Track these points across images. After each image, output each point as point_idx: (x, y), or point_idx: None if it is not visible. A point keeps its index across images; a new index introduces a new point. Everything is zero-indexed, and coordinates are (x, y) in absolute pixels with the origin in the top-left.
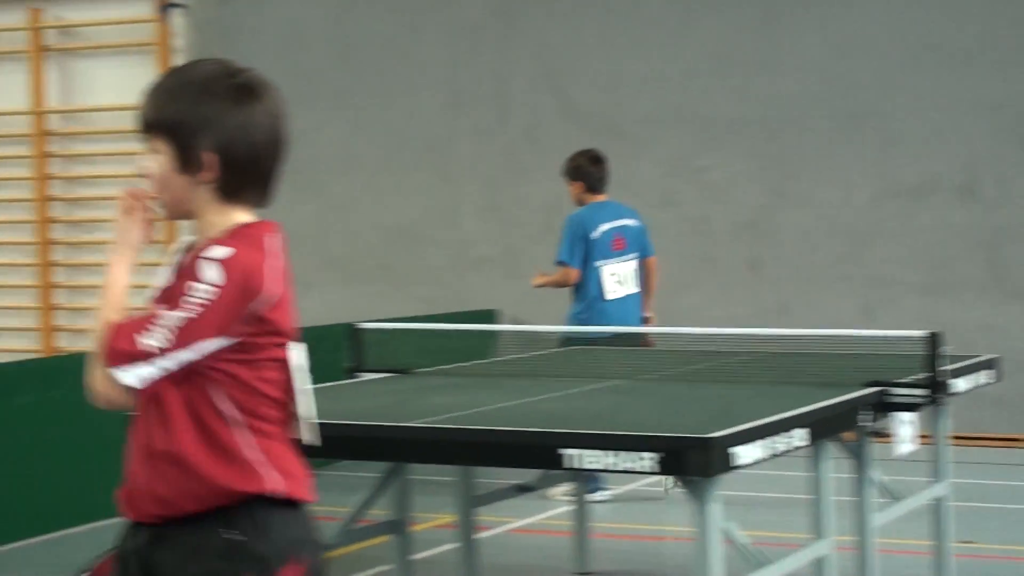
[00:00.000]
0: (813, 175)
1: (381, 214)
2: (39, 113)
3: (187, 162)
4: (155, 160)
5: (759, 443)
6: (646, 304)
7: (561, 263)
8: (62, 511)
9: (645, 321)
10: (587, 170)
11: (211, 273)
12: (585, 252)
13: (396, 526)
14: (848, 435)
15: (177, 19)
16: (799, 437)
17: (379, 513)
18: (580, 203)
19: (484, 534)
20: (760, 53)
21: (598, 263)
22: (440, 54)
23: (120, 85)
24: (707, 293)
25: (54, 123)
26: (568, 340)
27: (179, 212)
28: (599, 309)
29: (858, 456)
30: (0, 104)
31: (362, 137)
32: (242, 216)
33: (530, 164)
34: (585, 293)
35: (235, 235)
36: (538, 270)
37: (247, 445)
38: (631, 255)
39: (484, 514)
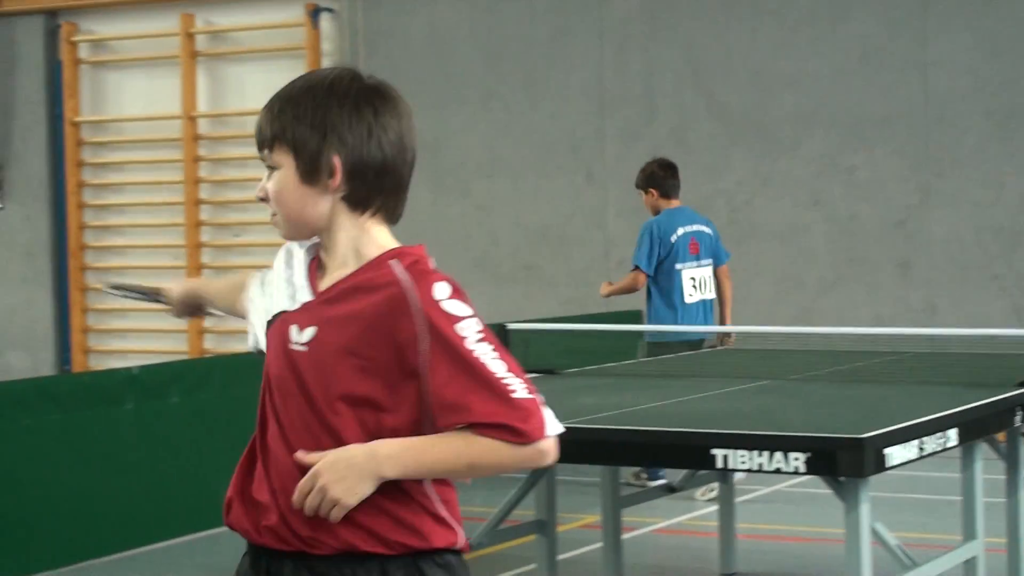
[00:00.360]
0: (963, 174)
1: (526, 215)
2: (190, 117)
3: (312, 172)
4: (276, 176)
5: (911, 444)
6: (724, 313)
7: (637, 268)
8: (210, 512)
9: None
10: (659, 177)
11: (462, 307)
12: (661, 257)
13: (542, 526)
14: (999, 435)
15: (326, 23)
16: (951, 437)
17: (525, 513)
18: (655, 211)
19: (629, 535)
20: (911, 50)
21: (678, 266)
22: (587, 55)
23: (269, 90)
24: (854, 293)
25: (204, 127)
26: (655, 345)
27: (303, 228)
28: (678, 312)
29: (1009, 457)
30: (152, 108)
31: (508, 139)
32: (383, 234)
33: (677, 164)
34: (664, 297)
35: (411, 264)
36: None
37: (430, 490)
38: (706, 261)
39: (629, 515)
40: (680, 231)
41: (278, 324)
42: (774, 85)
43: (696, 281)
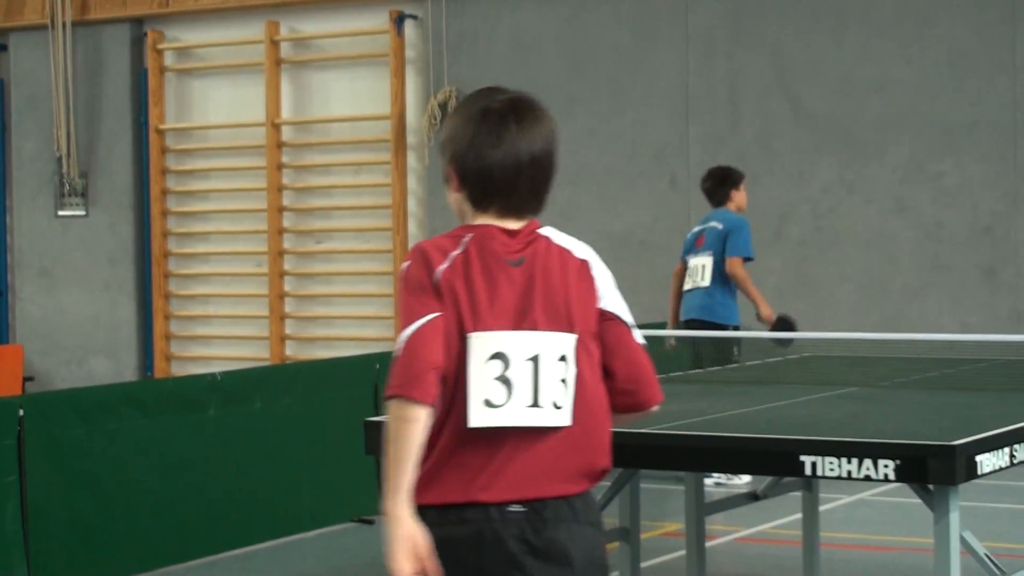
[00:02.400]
0: None
1: (609, 222)
2: (273, 124)
3: (445, 176)
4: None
5: (1002, 451)
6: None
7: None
8: (293, 517)
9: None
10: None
11: (405, 264)
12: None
13: (625, 534)
14: None
15: (409, 30)
16: None
17: (608, 521)
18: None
19: (711, 543)
20: (999, 55)
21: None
22: (671, 61)
23: (353, 97)
24: (940, 300)
25: (287, 134)
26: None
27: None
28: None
29: None
30: (236, 116)
31: (592, 145)
32: (481, 219)
33: (761, 171)
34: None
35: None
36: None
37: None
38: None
39: (712, 522)
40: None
41: None
42: (860, 91)
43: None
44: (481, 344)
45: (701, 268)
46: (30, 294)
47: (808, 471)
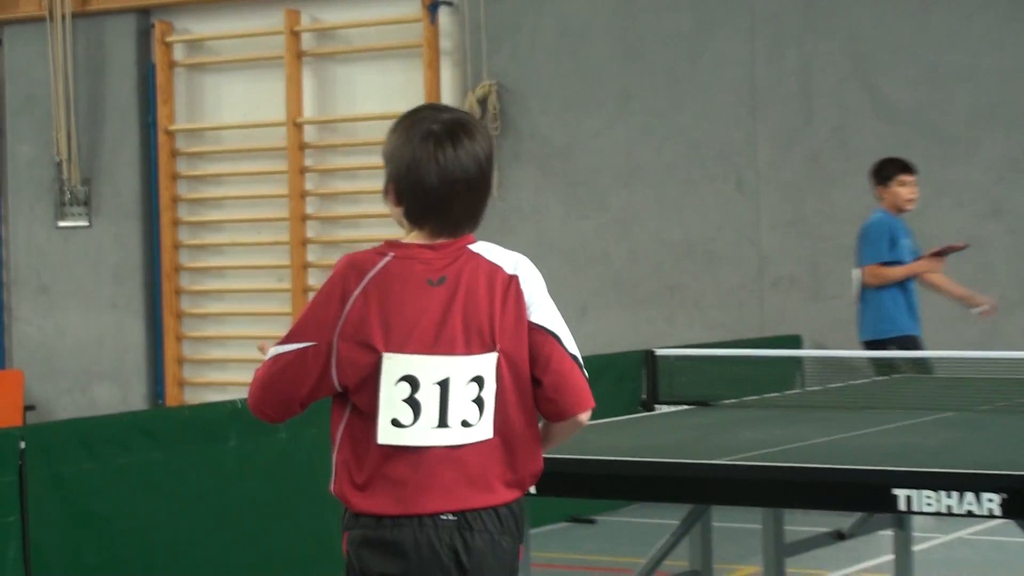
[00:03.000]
0: None
1: (669, 229)
2: (295, 124)
3: (384, 189)
4: None
5: None
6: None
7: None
8: (321, 556)
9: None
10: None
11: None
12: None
13: None
14: None
15: (445, 18)
16: None
17: (677, 564)
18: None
19: None
20: None
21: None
22: (736, 49)
23: (382, 92)
24: None
25: (311, 135)
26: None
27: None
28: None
29: None
30: (253, 115)
31: (648, 143)
32: (414, 235)
33: (838, 170)
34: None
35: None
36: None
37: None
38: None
39: (793, 564)
40: None
41: None
42: (947, 80)
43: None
44: (391, 366)
45: (855, 280)
46: (27, 314)
47: (902, 506)
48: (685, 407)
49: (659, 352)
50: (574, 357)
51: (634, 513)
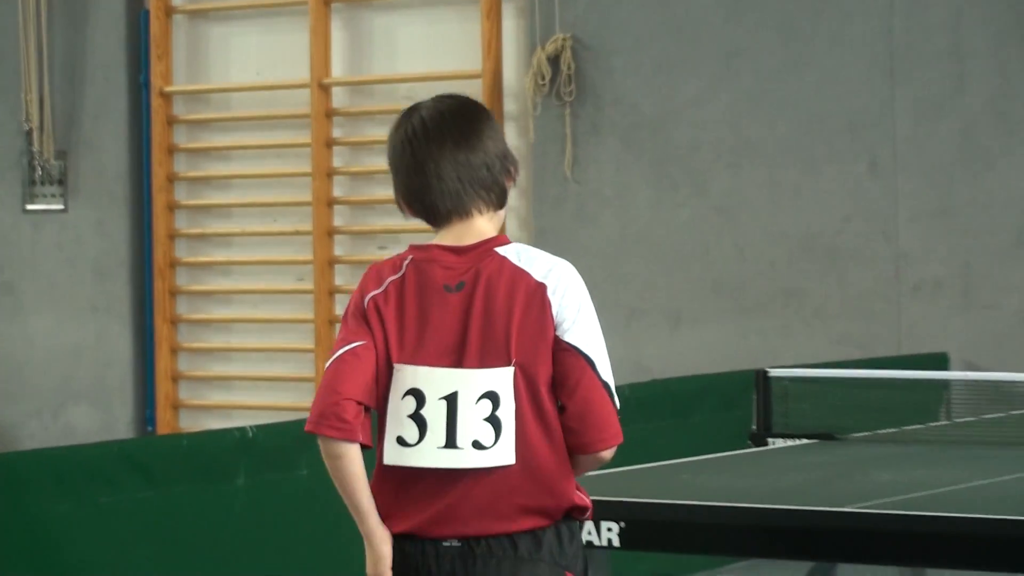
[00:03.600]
0: None
1: (784, 219)
2: (321, 86)
3: (396, 201)
4: None
5: None
6: None
7: None
8: None
9: None
10: None
11: None
12: None
13: None
14: None
15: None
16: None
17: None
18: None
19: None
20: None
21: None
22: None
23: (429, 48)
24: None
25: (340, 99)
26: None
27: None
28: None
29: None
30: (269, 74)
31: (759, 115)
32: (438, 238)
33: (996, 150)
34: None
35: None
36: None
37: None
38: None
39: None
40: None
41: None
42: None
43: None
44: (400, 378)
45: None
46: None
47: None
48: (804, 441)
49: (772, 372)
50: (606, 385)
51: (741, 573)
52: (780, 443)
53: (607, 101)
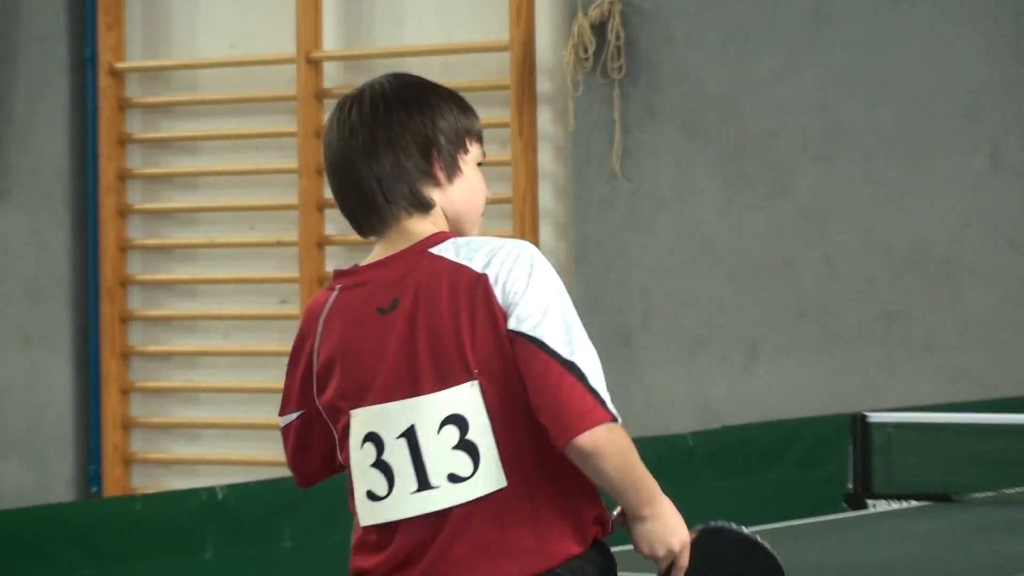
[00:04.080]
0: None
1: (885, 226)
2: (309, 61)
3: None
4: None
5: None
6: None
7: None
8: None
9: None
10: None
11: None
12: None
13: None
14: None
15: None
16: None
17: None
18: None
19: None
20: None
21: None
22: None
23: (443, 16)
24: None
25: (334, 78)
26: None
27: None
28: None
29: None
30: (245, 48)
31: (853, 93)
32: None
33: None
34: None
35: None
36: None
37: None
38: None
39: None
40: None
41: None
42: None
43: None
44: (355, 425)
45: None
46: None
47: None
48: (913, 503)
49: (872, 417)
50: (567, 364)
51: None
52: (883, 506)
53: (665, 79)
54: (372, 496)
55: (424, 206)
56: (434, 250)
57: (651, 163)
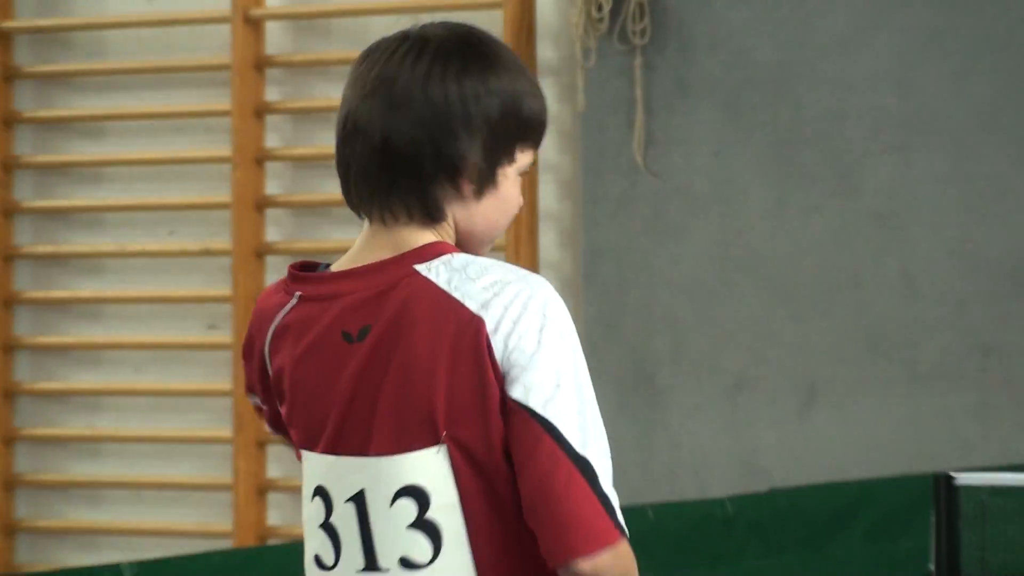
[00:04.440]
0: None
1: (980, 236)
2: (247, 21)
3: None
4: None
5: None
6: None
7: None
8: None
9: None
10: None
11: None
12: None
13: None
14: None
15: None
16: None
17: None
18: None
19: None
20: None
21: None
22: None
23: None
24: None
25: (278, 43)
26: None
27: None
28: None
29: None
30: (170, 4)
31: (937, 68)
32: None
33: None
34: None
35: None
36: None
37: None
38: None
39: None
40: None
41: None
42: None
43: None
44: (306, 470)
45: None
46: None
47: None
48: None
49: (961, 479)
50: (578, 460)
51: None
52: None
53: (699, 47)
54: (319, 563)
55: (431, 218)
56: (421, 268)
57: (682, 153)
